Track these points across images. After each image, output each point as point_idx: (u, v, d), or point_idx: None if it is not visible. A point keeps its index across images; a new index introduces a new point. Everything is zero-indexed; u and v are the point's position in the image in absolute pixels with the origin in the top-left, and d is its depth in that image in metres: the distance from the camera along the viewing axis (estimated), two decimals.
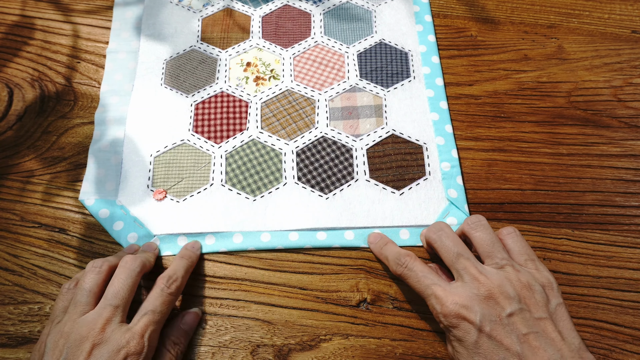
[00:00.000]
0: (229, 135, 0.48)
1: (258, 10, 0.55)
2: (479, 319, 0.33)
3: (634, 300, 0.41)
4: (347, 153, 0.47)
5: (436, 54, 0.52)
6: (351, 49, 0.53)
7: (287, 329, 0.40)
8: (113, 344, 0.33)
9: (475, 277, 0.35)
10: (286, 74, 0.51)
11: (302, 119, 0.48)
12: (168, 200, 0.45)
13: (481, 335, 0.33)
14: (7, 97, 0.50)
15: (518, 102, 0.50)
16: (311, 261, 0.43)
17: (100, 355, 0.33)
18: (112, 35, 0.53)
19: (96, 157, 0.46)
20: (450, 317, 0.34)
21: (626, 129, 0.49)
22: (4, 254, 0.43)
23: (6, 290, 0.41)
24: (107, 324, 0.35)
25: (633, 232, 0.44)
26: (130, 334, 0.34)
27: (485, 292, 0.34)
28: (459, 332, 0.34)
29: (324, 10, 0.55)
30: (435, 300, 0.35)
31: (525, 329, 0.33)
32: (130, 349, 0.33)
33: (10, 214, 0.44)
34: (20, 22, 0.54)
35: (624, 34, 0.54)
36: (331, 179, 0.46)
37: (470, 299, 0.34)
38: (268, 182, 0.45)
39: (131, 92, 0.50)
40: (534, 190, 0.46)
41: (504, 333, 0.33)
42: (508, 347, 0.32)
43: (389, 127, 0.48)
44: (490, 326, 0.33)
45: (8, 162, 0.46)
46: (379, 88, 0.50)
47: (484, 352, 0.33)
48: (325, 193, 0.45)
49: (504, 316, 0.34)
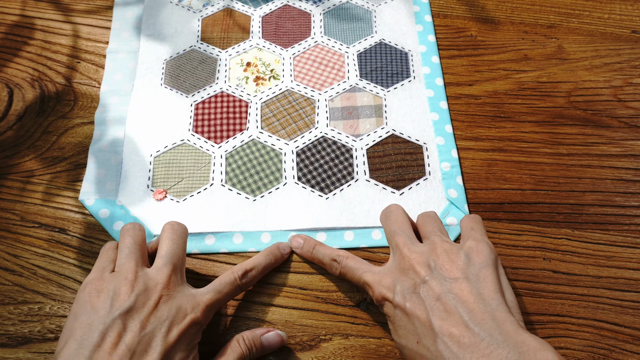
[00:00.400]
0: (229, 135, 0.48)
1: (258, 10, 0.55)
2: (396, 295, 0.34)
3: (634, 300, 0.41)
4: (347, 153, 0.47)
5: (436, 53, 0.52)
6: (351, 49, 0.53)
7: (287, 329, 0.40)
8: (179, 304, 0.34)
9: (402, 251, 0.36)
10: (286, 74, 0.51)
11: (302, 119, 0.48)
12: (168, 200, 0.45)
13: (397, 311, 0.34)
14: (7, 97, 0.50)
15: (518, 102, 0.50)
16: (311, 261, 0.43)
17: (168, 310, 0.33)
18: (112, 35, 0.53)
19: (96, 157, 0.46)
20: (378, 300, 0.35)
21: (626, 129, 0.49)
22: (4, 254, 0.43)
23: (6, 290, 0.41)
24: (171, 281, 0.35)
25: (633, 232, 0.44)
26: (196, 302, 0.35)
27: (407, 264, 0.35)
28: (386, 311, 0.35)
29: (324, 10, 0.55)
30: (368, 288, 0.37)
31: (439, 290, 0.33)
32: (196, 317, 0.34)
33: (10, 214, 0.44)
34: (20, 22, 0.54)
35: (624, 34, 0.54)
36: (331, 179, 0.46)
37: (393, 276, 0.35)
38: (268, 182, 0.45)
39: (131, 92, 0.50)
40: (534, 190, 0.46)
41: (417, 302, 0.33)
42: (419, 316, 0.33)
43: (389, 127, 0.48)
44: (405, 299, 0.34)
45: (8, 162, 0.46)
46: (379, 88, 0.50)
47: (403, 326, 0.34)
48: (325, 193, 0.45)
49: (419, 283, 0.34)
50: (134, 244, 0.37)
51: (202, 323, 0.35)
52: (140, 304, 0.33)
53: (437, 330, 0.31)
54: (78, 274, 0.42)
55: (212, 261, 0.43)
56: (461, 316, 0.31)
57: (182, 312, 0.34)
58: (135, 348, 0.31)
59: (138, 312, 0.33)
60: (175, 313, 0.33)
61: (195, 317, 0.34)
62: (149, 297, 0.34)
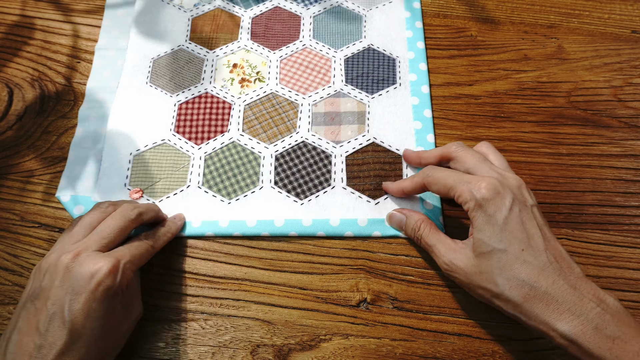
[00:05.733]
0: (209, 136, 0.47)
1: (248, 11, 0.55)
2: (511, 197, 0.35)
3: (634, 300, 0.41)
4: (326, 159, 0.46)
5: (424, 61, 0.52)
6: (339, 53, 0.52)
7: (287, 329, 0.40)
8: (84, 268, 0.33)
9: (495, 171, 0.37)
10: (272, 76, 0.51)
11: (284, 122, 0.48)
12: (144, 201, 0.44)
13: (511, 213, 0.34)
14: (7, 97, 0.50)
15: (518, 102, 0.50)
16: (311, 261, 0.43)
17: (73, 279, 0.32)
18: (102, 32, 0.53)
19: (77, 153, 0.46)
20: (488, 189, 0.35)
21: (626, 129, 0.49)
22: (4, 254, 0.43)
23: (6, 290, 0.41)
24: (83, 251, 0.34)
25: (633, 232, 0.44)
26: (104, 260, 0.33)
27: (511, 183, 0.36)
28: (491, 208, 0.35)
29: (315, 13, 0.55)
30: (470, 180, 0.36)
31: (541, 221, 0.36)
32: (102, 275, 0.33)
33: (10, 214, 0.44)
34: (20, 22, 0.54)
35: (624, 34, 0.54)
36: (308, 185, 0.45)
37: (500, 181, 0.36)
38: (245, 185, 0.45)
39: (116, 89, 0.50)
40: (534, 190, 0.46)
41: (527, 217, 0.35)
42: (529, 230, 0.34)
43: (370, 135, 0.47)
44: (519, 207, 0.35)
45: (8, 162, 0.46)
46: (364, 94, 0.49)
47: (510, 230, 0.34)
48: (300, 199, 0.44)
49: (528, 205, 0.36)
50: (84, 223, 0.38)
51: (114, 279, 0.33)
52: (47, 281, 0.33)
53: (542, 247, 0.34)
54: None
55: (212, 261, 0.43)
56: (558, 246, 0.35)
57: (89, 275, 0.33)
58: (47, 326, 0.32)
59: (44, 291, 0.33)
60: (80, 280, 0.33)
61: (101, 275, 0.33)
62: (56, 271, 0.33)
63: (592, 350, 0.30)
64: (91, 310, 0.32)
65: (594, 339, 0.31)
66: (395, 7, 0.55)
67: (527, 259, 0.33)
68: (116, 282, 0.33)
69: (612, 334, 0.31)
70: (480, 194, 0.35)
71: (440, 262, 0.37)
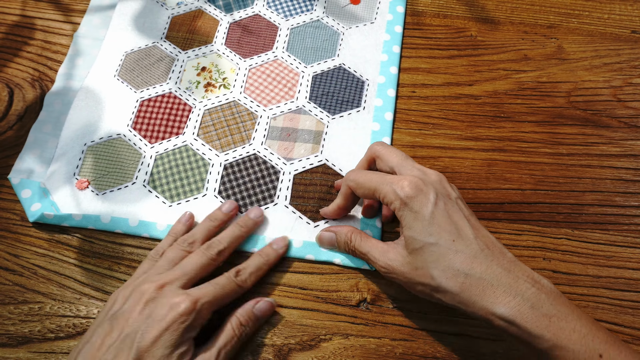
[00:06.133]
0: (164, 137, 0.47)
1: (228, 16, 0.54)
2: (434, 193, 0.35)
3: (634, 300, 0.41)
4: (274, 175, 0.45)
5: (393, 87, 0.50)
6: (308, 68, 0.51)
7: (287, 329, 0.40)
8: (164, 301, 0.35)
9: (418, 169, 0.38)
10: (237, 84, 0.50)
11: (239, 132, 0.47)
12: (88, 191, 0.44)
13: (437, 207, 0.35)
14: (7, 97, 0.50)
15: (518, 102, 0.50)
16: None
17: (153, 308, 0.34)
18: (84, 20, 0.54)
19: (36, 137, 0.47)
20: (411, 187, 0.35)
21: (626, 129, 0.49)
22: (4, 253, 0.43)
23: (6, 290, 0.41)
24: (167, 285, 0.36)
25: (633, 232, 0.44)
26: (185, 296, 0.35)
27: (432, 178, 0.37)
28: (416, 204, 0.35)
29: (292, 25, 0.54)
30: (393, 181, 0.36)
31: (467, 212, 0.36)
32: (180, 309, 0.34)
33: (10, 213, 0.44)
34: (20, 22, 0.54)
35: (623, 34, 0.54)
36: (251, 199, 0.44)
37: (422, 178, 0.36)
38: (189, 191, 0.45)
39: (85, 78, 0.50)
40: (534, 190, 0.46)
41: (453, 209, 0.35)
42: (457, 221, 0.35)
43: (322, 156, 0.46)
44: (443, 200, 0.35)
45: (8, 162, 0.46)
46: (325, 114, 0.48)
47: (438, 223, 0.34)
48: (241, 211, 0.44)
49: (453, 197, 0.36)
50: (167, 259, 0.39)
51: (189, 313, 0.34)
52: (128, 307, 0.35)
53: (472, 236, 0.34)
54: (78, 274, 0.42)
55: None
56: (487, 234, 0.36)
57: (168, 307, 0.34)
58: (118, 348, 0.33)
59: (124, 314, 0.35)
60: (159, 310, 0.34)
61: (180, 310, 0.34)
62: (139, 300, 0.35)
63: (530, 329, 0.31)
64: (161, 339, 0.33)
65: (532, 318, 0.31)
66: (376, 28, 0.54)
67: (459, 249, 0.34)
68: (190, 319, 0.34)
69: (549, 312, 0.31)
70: (404, 193, 0.35)
71: (378, 267, 0.38)
